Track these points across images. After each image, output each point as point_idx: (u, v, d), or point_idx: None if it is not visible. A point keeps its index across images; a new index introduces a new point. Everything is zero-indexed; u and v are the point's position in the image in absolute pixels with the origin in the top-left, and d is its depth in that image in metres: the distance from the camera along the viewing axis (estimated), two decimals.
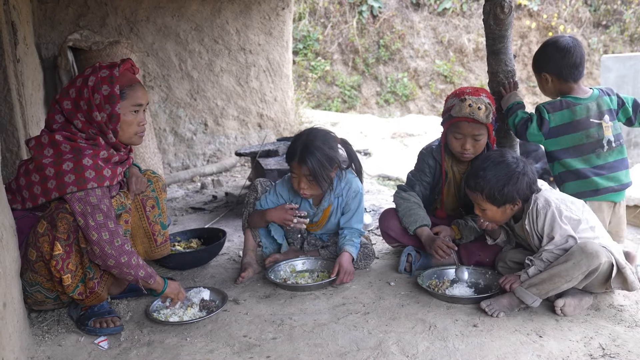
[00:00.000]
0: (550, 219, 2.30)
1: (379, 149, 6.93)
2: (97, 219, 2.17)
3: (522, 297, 2.29)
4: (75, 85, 2.28)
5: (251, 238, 2.99)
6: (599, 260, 2.16)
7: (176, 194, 5.03)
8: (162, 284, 2.39)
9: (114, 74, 2.27)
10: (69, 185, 2.16)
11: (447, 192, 2.94)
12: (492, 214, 2.44)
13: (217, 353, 2.14)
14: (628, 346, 2.04)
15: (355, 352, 2.10)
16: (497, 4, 2.84)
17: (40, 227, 2.21)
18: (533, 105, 9.68)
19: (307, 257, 2.97)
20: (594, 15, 10.07)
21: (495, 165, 2.41)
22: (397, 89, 10.26)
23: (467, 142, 2.69)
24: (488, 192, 2.38)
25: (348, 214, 2.91)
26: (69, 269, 2.21)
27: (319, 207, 2.92)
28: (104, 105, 2.26)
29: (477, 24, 10.32)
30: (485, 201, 2.41)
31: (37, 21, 4.90)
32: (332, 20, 10.52)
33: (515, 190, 2.37)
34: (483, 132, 2.68)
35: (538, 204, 2.35)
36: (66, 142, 2.22)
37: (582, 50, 2.88)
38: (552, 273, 2.23)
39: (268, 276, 2.76)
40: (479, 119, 2.62)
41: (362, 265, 2.92)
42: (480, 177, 2.40)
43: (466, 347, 2.09)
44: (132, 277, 2.28)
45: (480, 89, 2.77)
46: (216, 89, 6.07)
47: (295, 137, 2.81)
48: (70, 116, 2.27)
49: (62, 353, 2.19)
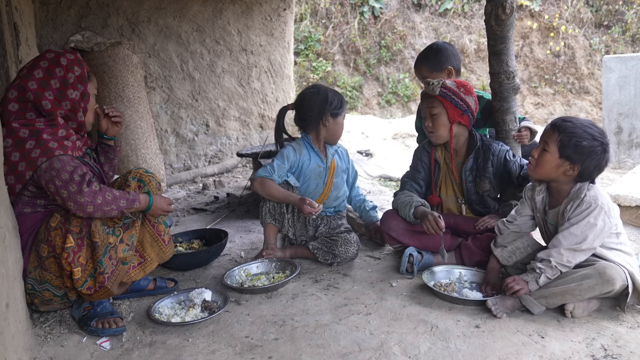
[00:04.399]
0: (589, 212, 2.25)
1: (380, 149, 6.93)
2: (63, 177, 2.21)
3: (530, 306, 2.29)
4: (40, 67, 2.33)
5: (272, 234, 3.13)
6: (613, 287, 2.18)
7: (178, 195, 5.04)
8: (147, 200, 2.43)
9: (79, 57, 2.40)
10: (38, 158, 2.21)
11: (443, 184, 3.03)
12: (549, 158, 2.31)
13: (219, 354, 2.15)
14: (630, 347, 2.04)
15: (357, 353, 2.10)
16: (499, 4, 2.84)
17: (53, 221, 2.26)
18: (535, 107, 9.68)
19: (262, 260, 3.02)
20: (595, 15, 10.05)
21: (589, 126, 2.28)
22: (398, 90, 10.26)
23: (427, 118, 2.91)
24: (565, 137, 2.26)
25: (351, 179, 3.37)
26: (79, 262, 2.23)
27: (328, 161, 3.19)
28: (77, 84, 2.37)
29: (478, 25, 10.32)
30: (556, 144, 2.28)
31: (39, 22, 4.92)
32: (333, 21, 10.53)
33: (586, 155, 2.24)
34: (436, 106, 2.86)
35: (588, 194, 2.28)
36: (24, 128, 2.26)
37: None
38: (565, 290, 2.23)
39: (224, 281, 2.78)
40: (428, 92, 2.87)
41: (343, 252, 2.98)
42: (569, 124, 2.28)
43: (468, 347, 2.09)
44: (116, 212, 2.30)
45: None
46: (218, 90, 6.07)
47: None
48: (37, 97, 2.29)
49: (64, 354, 2.20)
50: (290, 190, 3.08)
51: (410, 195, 2.96)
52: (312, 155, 3.15)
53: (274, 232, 3.15)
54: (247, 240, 3.63)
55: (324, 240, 3.07)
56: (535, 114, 9.56)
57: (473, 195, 2.94)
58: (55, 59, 2.35)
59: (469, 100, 2.86)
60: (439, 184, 3.04)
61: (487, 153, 2.90)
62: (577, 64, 9.81)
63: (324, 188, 3.18)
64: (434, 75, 3.28)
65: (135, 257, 2.43)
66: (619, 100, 5.69)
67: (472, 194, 2.94)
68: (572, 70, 9.82)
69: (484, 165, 2.89)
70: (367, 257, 3.16)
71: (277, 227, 3.14)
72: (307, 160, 3.14)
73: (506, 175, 2.90)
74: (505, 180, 2.93)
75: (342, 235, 3.04)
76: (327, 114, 3.04)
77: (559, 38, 9.94)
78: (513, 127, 3.05)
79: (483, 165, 2.90)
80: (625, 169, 5.44)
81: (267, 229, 3.14)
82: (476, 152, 2.92)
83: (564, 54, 9.89)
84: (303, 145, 3.15)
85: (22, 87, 2.30)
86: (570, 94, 9.74)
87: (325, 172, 3.18)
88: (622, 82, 5.65)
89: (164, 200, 2.51)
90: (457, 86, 2.86)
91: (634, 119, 5.63)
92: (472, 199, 2.95)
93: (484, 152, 2.91)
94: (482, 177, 2.90)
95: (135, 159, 4.97)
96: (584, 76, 9.73)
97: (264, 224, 3.14)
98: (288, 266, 2.94)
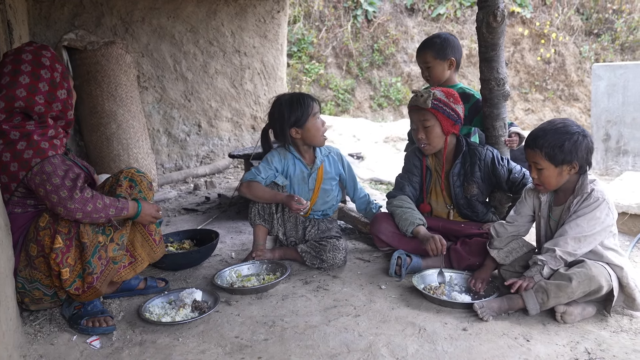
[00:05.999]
0: (596, 206, 2.32)
1: (371, 152, 6.96)
2: (54, 182, 2.18)
3: (528, 300, 2.32)
4: (24, 72, 2.24)
5: (261, 235, 3.14)
6: (598, 285, 2.23)
7: (169, 195, 5.04)
8: (135, 208, 2.40)
9: (53, 52, 2.35)
10: (32, 159, 2.18)
11: (433, 190, 3.06)
12: (548, 173, 2.38)
13: (209, 354, 2.16)
14: (613, 351, 2.08)
15: (346, 354, 2.12)
16: (490, 12, 2.87)
17: (42, 221, 2.25)
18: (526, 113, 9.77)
19: (253, 261, 3.04)
20: (586, 23, 10.16)
21: (557, 126, 2.38)
22: (390, 93, 10.31)
23: (419, 131, 2.92)
24: (548, 149, 2.34)
25: (349, 183, 3.34)
26: (67, 263, 2.23)
27: (313, 167, 3.18)
28: (63, 82, 2.34)
29: (470, 30, 10.39)
30: (544, 159, 2.35)
31: (32, 20, 4.90)
32: (326, 23, 10.56)
33: (575, 150, 2.32)
34: (429, 118, 2.87)
35: (595, 191, 2.35)
36: (15, 130, 2.23)
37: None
38: (558, 285, 2.27)
39: (215, 282, 2.80)
40: (419, 104, 2.86)
41: (330, 258, 2.99)
42: (541, 136, 2.37)
43: (455, 350, 2.12)
44: (104, 219, 2.29)
45: (439, 87, 2.99)
46: (210, 91, 6.08)
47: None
48: (28, 104, 2.24)
49: (54, 352, 2.20)
50: (278, 190, 3.12)
51: (410, 205, 2.97)
52: (296, 162, 3.19)
53: (264, 233, 3.17)
54: (237, 241, 3.64)
55: (313, 244, 3.09)
56: (525, 119, 9.65)
57: (461, 199, 2.97)
58: (35, 60, 2.28)
59: (459, 109, 2.90)
60: (429, 189, 3.07)
61: (474, 157, 2.93)
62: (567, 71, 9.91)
63: (310, 193, 3.20)
64: (437, 62, 3.30)
65: (125, 257, 2.43)
66: (607, 108, 5.76)
67: (460, 198, 2.97)
68: (562, 77, 9.92)
69: (471, 170, 2.93)
70: (357, 259, 3.18)
71: (267, 228, 3.16)
72: (292, 165, 3.19)
73: (494, 179, 2.93)
74: (494, 184, 2.97)
75: (331, 241, 3.05)
76: (289, 128, 3.08)
77: (549, 45, 10.03)
78: (503, 133, 3.08)
79: (470, 169, 2.93)
80: (612, 176, 5.50)
81: (256, 229, 3.16)
82: (463, 157, 2.95)
83: (554, 60, 9.99)
84: (288, 151, 3.19)
85: (11, 97, 2.22)
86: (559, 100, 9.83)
87: (309, 177, 3.20)
88: (610, 90, 5.72)
89: (152, 207, 2.49)
90: (447, 96, 2.88)
91: (622, 127, 5.70)
92: (460, 204, 2.99)
93: (470, 157, 2.94)
94: (470, 181, 2.93)
95: (127, 158, 4.97)
96: (574, 83, 9.84)
97: (253, 225, 3.17)
98: (279, 268, 2.96)
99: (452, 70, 3.33)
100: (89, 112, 4.95)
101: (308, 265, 3.06)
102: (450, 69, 3.32)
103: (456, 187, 2.96)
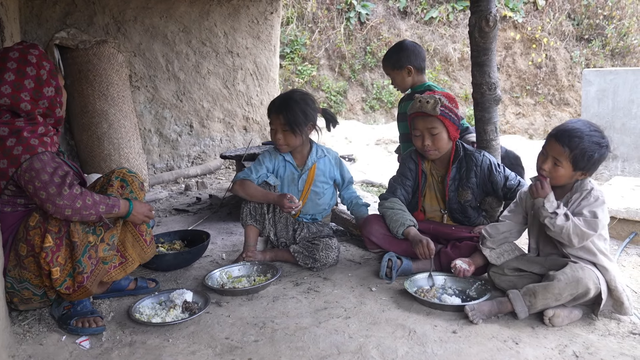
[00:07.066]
0: (597, 205, 2.33)
1: (363, 155, 6.98)
2: (43, 179, 2.17)
3: (516, 303, 2.33)
4: (9, 69, 2.24)
5: (252, 235, 3.15)
6: (585, 288, 2.24)
7: (160, 195, 5.02)
8: (127, 207, 2.39)
9: (42, 50, 2.34)
10: (21, 155, 2.18)
11: (427, 194, 3.05)
12: (563, 172, 2.37)
13: (199, 355, 2.16)
14: (600, 354, 2.10)
15: (336, 356, 2.13)
16: (483, 17, 2.90)
17: (32, 220, 2.23)
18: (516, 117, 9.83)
19: (243, 263, 3.04)
20: (577, 29, 10.24)
21: (593, 132, 2.35)
22: (382, 96, 10.33)
23: (425, 137, 2.88)
24: (578, 154, 2.31)
25: (343, 182, 3.35)
26: (58, 262, 2.22)
27: (304, 168, 3.19)
28: (51, 79, 2.33)
29: (463, 34, 10.44)
30: (568, 160, 2.34)
31: (23, 18, 4.87)
32: (319, 25, 10.57)
33: (597, 163, 2.33)
34: (437, 125, 2.85)
35: (595, 190, 2.36)
36: (4, 127, 2.22)
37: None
38: (546, 287, 2.28)
39: (205, 283, 2.80)
40: (427, 111, 2.81)
41: (323, 257, 3.00)
42: (578, 137, 2.32)
43: (444, 352, 2.13)
44: (95, 217, 2.27)
45: (438, 91, 2.99)
46: (202, 91, 6.07)
47: (279, 94, 3.16)
48: (14, 101, 2.24)
49: (43, 352, 2.19)
50: (270, 190, 3.13)
51: (401, 207, 2.96)
52: (286, 163, 3.21)
53: (255, 234, 3.17)
54: (228, 242, 3.64)
55: (305, 244, 3.10)
56: (516, 123, 9.70)
57: (454, 204, 2.98)
58: (22, 58, 2.27)
59: (459, 113, 2.92)
60: (424, 193, 3.07)
61: (470, 163, 2.93)
62: (557, 75, 9.97)
63: (299, 195, 3.20)
64: (395, 73, 3.48)
65: (116, 257, 2.43)
66: (597, 113, 5.81)
67: (453, 203, 2.98)
68: (553, 81, 9.98)
69: (467, 176, 2.93)
70: (348, 261, 3.19)
71: (258, 229, 3.17)
72: (282, 166, 3.21)
73: (490, 185, 2.94)
74: (488, 191, 2.97)
75: (324, 240, 3.07)
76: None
77: (540, 50, 10.10)
78: (494, 137, 3.11)
79: (466, 175, 2.93)
80: (602, 181, 5.54)
81: (247, 230, 3.17)
82: (459, 162, 2.96)
83: (545, 65, 10.05)
84: (279, 152, 3.21)
85: None
86: (550, 104, 9.89)
87: (299, 179, 3.21)
88: (600, 95, 5.77)
89: (144, 206, 2.48)
90: (450, 101, 2.87)
91: (612, 132, 5.75)
92: (453, 208, 2.99)
93: (467, 162, 2.94)
94: (465, 187, 2.93)
95: (118, 158, 4.95)
96: (565, 88, 9.90)
97: (244, 225, 3.17)
98: (269, 269, 2.96)
99: (412, 77, 3.47)
100: (80, 111, 4.92)
101: (301, 265, 3.07)
102: (410, 76, 3.46)
103: (450, 192, 2.97)
